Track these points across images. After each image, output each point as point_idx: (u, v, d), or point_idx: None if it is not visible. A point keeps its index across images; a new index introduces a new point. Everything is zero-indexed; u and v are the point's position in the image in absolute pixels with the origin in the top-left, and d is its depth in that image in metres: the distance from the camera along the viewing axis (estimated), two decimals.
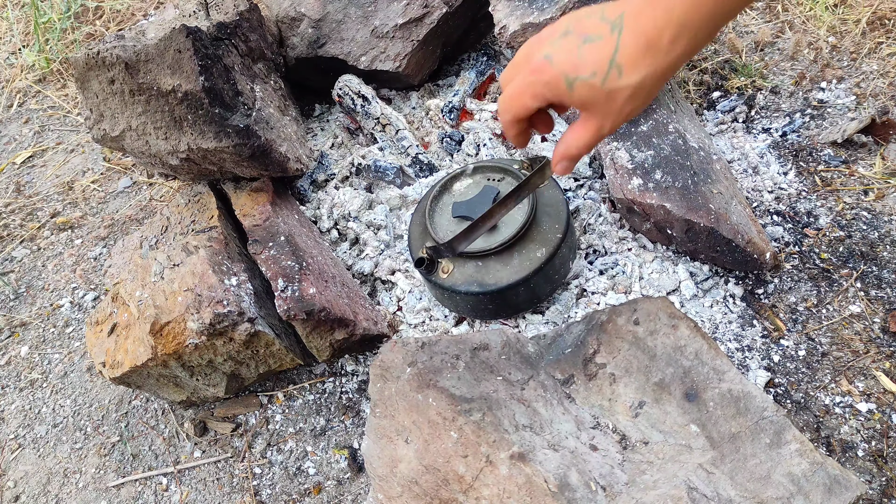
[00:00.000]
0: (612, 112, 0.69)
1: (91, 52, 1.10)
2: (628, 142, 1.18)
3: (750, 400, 0.85)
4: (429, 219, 1.11)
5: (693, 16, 0.62)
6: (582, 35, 0.68)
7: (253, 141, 1.13)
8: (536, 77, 0.70)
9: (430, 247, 1.05)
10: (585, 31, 0.68)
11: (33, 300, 1.44)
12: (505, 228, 1.08)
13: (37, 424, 1.25)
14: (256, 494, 1.09)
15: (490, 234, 1.08)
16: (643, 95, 0.68)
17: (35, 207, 1.61)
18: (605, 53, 0.66)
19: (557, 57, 0.68)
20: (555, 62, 0.68)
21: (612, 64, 0.66)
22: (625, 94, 0.67)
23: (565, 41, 0.69)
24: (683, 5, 0.62)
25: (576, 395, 0.92)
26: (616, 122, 0.71)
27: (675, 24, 0.63)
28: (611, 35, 0.66)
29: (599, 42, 0.66)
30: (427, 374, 0.90)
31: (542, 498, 0.77)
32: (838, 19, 1.52)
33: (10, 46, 2.00)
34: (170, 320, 1.03)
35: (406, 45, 1.39)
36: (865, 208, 1.22)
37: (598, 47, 0.66)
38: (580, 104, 0.70)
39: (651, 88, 0.68)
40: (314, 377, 1.20)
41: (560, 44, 0.69)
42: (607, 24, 0.66)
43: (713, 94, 1.46)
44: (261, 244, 1.13)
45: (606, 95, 0.68)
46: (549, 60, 0.69)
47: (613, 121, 0.70)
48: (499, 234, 1.07)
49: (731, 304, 1.14)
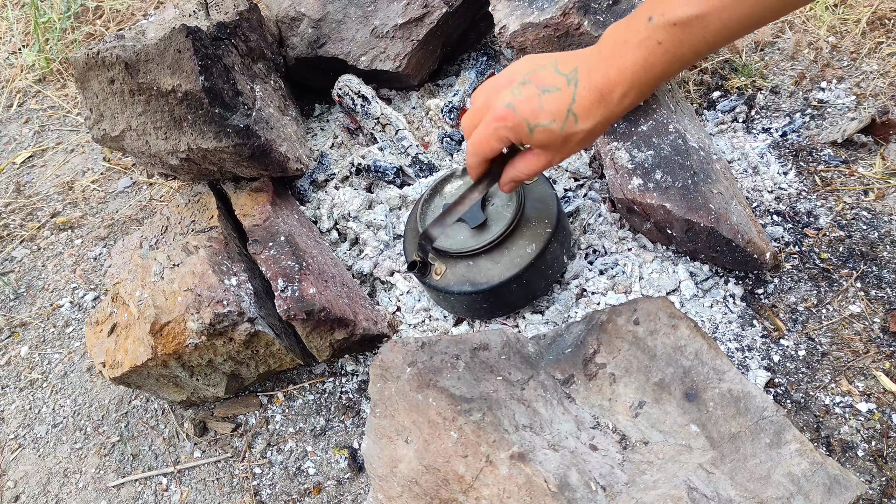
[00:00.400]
0: (565, 150, 0.80)
1: (91, 52, 1.10)
2: (628, 142, 1.18)
3: (750, 400, 0.85)
4: (420, 222, 1.11)
5: (642, 76, 0.72)
6: (540, 86, 0.77)
7: (253, 141, 1.13)
8: (501, 124, 0.79)
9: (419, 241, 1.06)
10: (543, 82, 0.78)
11: (33, 300, 1.44)
12: (494, 226, 1.07)
13: (37, 424, 1.25)
14: (256, 494, 1.09)
15: (479, 232, 1.08)
16: (593, 137, 0.79)
17: (35, 207, 1.61)
18: (563, 103, 0.76)
19: (520, 106, 0.78)
20: (518, 110, 0.78)
21: (569, 112, 0.76)
22: (579, 136, 0.77)
23: (525, 90, 0.78)
24: (635, 66, 0.72)
25: (576, 395, 0.92)
26: (565, 157, 0.82)
27: (626, 83, 0.73)
28: (567, 87, 0.76)
29: (557, 93, 0.76)
30: (427, 374, 0.90)
31: (542, 498, 0.77)
32: (838, 19, 1.52)
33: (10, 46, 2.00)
34: (170, 320, 1.03)
35: (406, 45, 1.39)
36: (865, 208, 1.22)
37: (556, 98, 0.76)
38: (539, 145, 0.80)
39: (600, 131, 0.78)
40: (314, 377, 1.20)
41: (520, 93, 0.78)
42: (563, 78, 0.77)
43: (713, 94, 1.46)
44: (261, 244, 1.14)
45: (563, 138, 0.78)
46: (512, 109, 0.78)
47: (565, 157, 0.82)
48: (488, 233, 1.07)
49: (731, 304, 1.14)
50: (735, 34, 0.69)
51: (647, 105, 1.23)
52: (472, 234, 1.08)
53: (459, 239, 1.09)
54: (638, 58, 0.71)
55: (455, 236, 1.09)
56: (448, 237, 1.09)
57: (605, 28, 1.13)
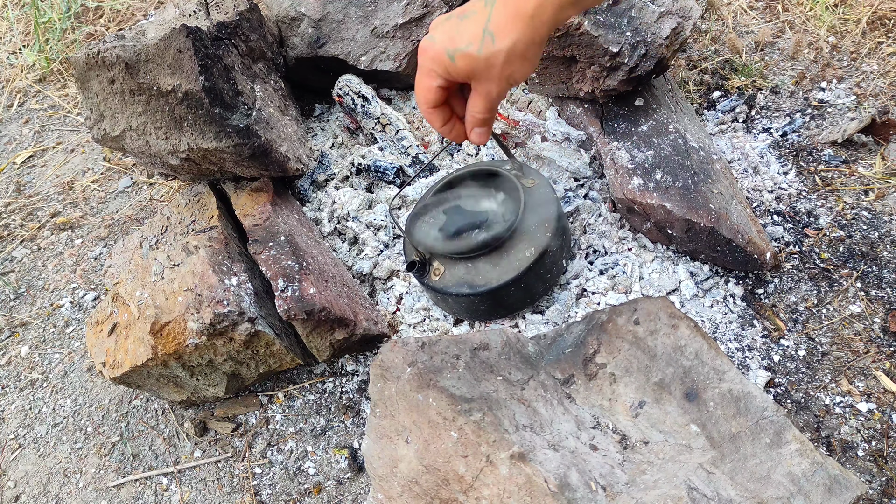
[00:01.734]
0: (493, 76, 0.77)
1: (91, 52, 1.10)
2: (628, 142, 1.18)
3: (750, 400, 0.85)
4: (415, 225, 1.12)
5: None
6: (460, 14, 0.76)
7: (253, 141, 1.13)
8: (424, 57, 0.78)
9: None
10: (463, 10, 0.76)
11: (33, 300, 1.44)
12: (493, 229, 1.07)
13: (37, 424, 1.25)
14: (256, 494, 1.09)
15: (479, 234, 1.07)
16: (518, 59, 0.75)
17: (35, 207, 1.61)
18: (479, 24, 0.74)
19: (439, 36, 0.77)
20: (437, 40, 0.77)
21: (485, 32, 0.73)
22: (500, 57, 0.74)
23: (447, 22, 0.77)
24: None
25: (576, 395, 0.92)
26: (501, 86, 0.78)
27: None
28: (484, 8, 0.74)
29: (474, 16, 0.75)
30: (427, 374, 0.90)
31: (542, 498, 0.77)
32: (838, 19, 1.52)
33: (10, 46, 2.00)
34: (170, 320, 1.03)
35: (406, 45, 1.39)
36: (865, 208, 1.22)
37: (473, 20, 0.75)
38: (465, 74, 0.77)
39: (524, 52, 0.74)
40: (314, 377, 1.20)
41: (443, 25, 0.78)
42: (482, 1, 0.75)
43: (713, 94, 1.46)
44: (261, 244, 1.13)
45: (485, 61, 0.75)
46: (433, 40, 0.77)
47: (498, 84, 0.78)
48: (487, 235, 1.07)
49: (731, 304, 1.14)
50: None
51: (647, 105, 1.23)
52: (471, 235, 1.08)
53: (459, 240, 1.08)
54: None
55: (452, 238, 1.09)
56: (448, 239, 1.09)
57: (605, 28, 1.14)
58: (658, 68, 1.15)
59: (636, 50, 1.13)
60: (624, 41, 1.12)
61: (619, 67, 1.14)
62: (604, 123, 1.23)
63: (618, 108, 1.24)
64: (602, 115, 1.25)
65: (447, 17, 0.79)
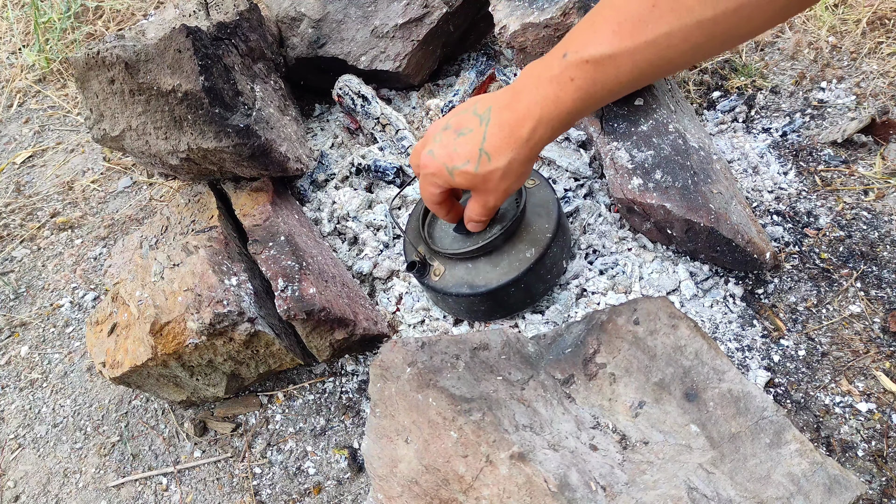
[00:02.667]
0: (490, 189, 0.82)
1: (91, 52, 1.10)
2: (628, 142, 1.18)
3: (750, 400, 0.85)
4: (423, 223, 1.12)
5: (552, 111, 0.72)
6: (457, 130, 0.80)
7: (253, 141, 1.13)
8: (426, 171, 0.83)
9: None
10: (460, 125, 0.80)
11: (33, 300, 1.44)
12: (494, 229, 1.07)
13: (37, 424, 1.25)
14: (256, 494, 1.09)
15: (479, 234, 1.08)
16: (513, 174, 0.79)
17: (35, 207, 1.61)
18: (475, 144, 0.77)
19: (438, 151, 0.81)
20: (436, 156, 0.81)
21: (481, 152, 0.77)
22: (497, 175, 0.78)
23: (444, 135, 0.81)
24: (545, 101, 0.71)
25: (576, 395, 0.92)
26: (498, 196, 0.84)
27: (534, 118, 0.73)
28: (479, 127, 0.77)
29: (470, 134, 0.78)
30: (427, 374, 0.90)
31: (542, 498, 0.77)
32: (838, 19, 1.52)
33: (10, 46, 2.00)
34: (170, 320, 1.03)
35: (406, 45, 1.39)
36: (865, 208, 1.22)
37: (468, 139, 0.78)
38: (465, 185, 0.82)
39: (519, 168, 0.78)
40: (314, 377, 1.20)
41: (440, 139, 0.81)
42: (477, 118, 0.78)
43: (713, 93, 1.46)
44: (261, 244, 1.13)
45: (482, 178, 0.79)
46: (432, 155, 0.81)
47: (495, 196, 0.83)
48: (487, 235, 1.07)
49: (731, 304, 1.14)
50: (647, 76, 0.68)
51: (647, 105, 1.23)
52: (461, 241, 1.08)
53: (459, 239, 1.08)
54: (549, 93, 0.71)
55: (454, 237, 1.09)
56: (447, 237, 1.09)
57: None
58: None
59: None
60: None
61: None
62: (603, 123, 1.23)
63: (618, 108, 1.24)
64: (602, 115, 1.25)
65: (443, 126, 0.82)
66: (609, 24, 0.66)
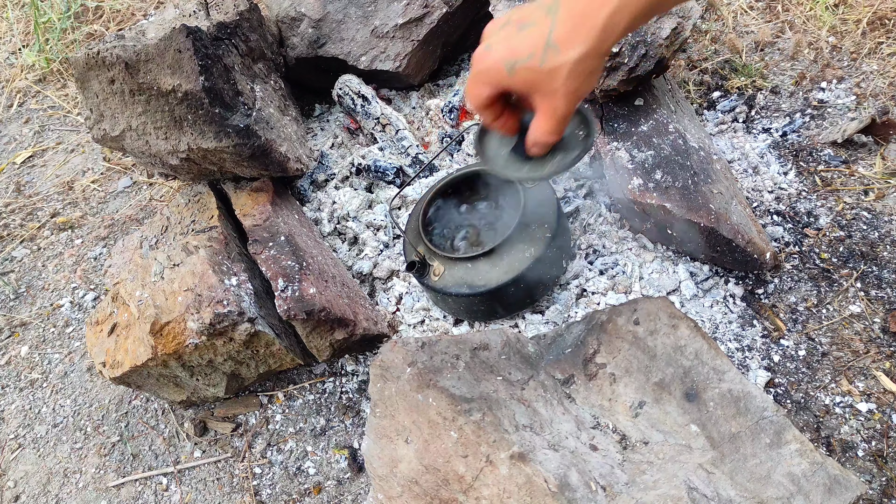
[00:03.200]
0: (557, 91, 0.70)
1: (91, 52, 1.10)
2: (628, 142, 1.18)
3: (750, 400, 0.85)
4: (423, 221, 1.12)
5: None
6: (519, 23, 0.71)
7: (253, 141, 1.13)
8: (479, 66, 0.73)
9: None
10: (522, 19, 0.71)
11: (33, 300, 1.44)
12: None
13: (37, 424, 1.25)
14: (256, 494, 1.09)
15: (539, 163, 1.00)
16: (584, 72, 0.69)
17: (35, 207, 1.61)
18: (541, 35, 0.68)
19: (497, 46, 0.71)
20: (494, 50, 0.71)
21: (548, 44, 0.67)
22: (564, 70, 0.68)
23: (504, 31, 0.72)
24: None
25: (576, 395, 0.92)
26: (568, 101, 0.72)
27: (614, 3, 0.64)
28: (546, 18, 0.68)
29: (534, 27, 0.69)
30: (427, 374, 0.90)
31: (542, 498, 0.77)
32: (838, 19, 1.52)
33: (10, 46, 2.00)
34: (170, 320, 1.03)
35: (406, 45, 1.39)
36: (865, 208, 1.22)
37: (533, 31, 0.69)
38: (524, 87, 0.72)
39: (592, 63, 0.68)
40: (314, 377, 1.20)
41: (500, 34, 0.72)
42: (542, 9, 0.69)
43: (713, 94, 1.46)
44: (261, 244, 1.13)
45: (547, 75, 0.69)
46: (489, 49, 0.72)
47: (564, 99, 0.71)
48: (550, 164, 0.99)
49: (731, 304, 1.14)
50: None
51: (647, 105, 1.23)
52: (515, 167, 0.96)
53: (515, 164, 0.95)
54: None
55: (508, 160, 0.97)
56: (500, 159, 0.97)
57: None
58: (658, 68, 1.15)
59: (636, 50, 1.13)
60: (623, 41, 1.12)
61: (619, 67, 1.14)
62: (604, 123, 1.23)
63: (618, 108, 1.24)
64: (602, 115, 1.25)
65: (503, 23, 0.73)
66: None
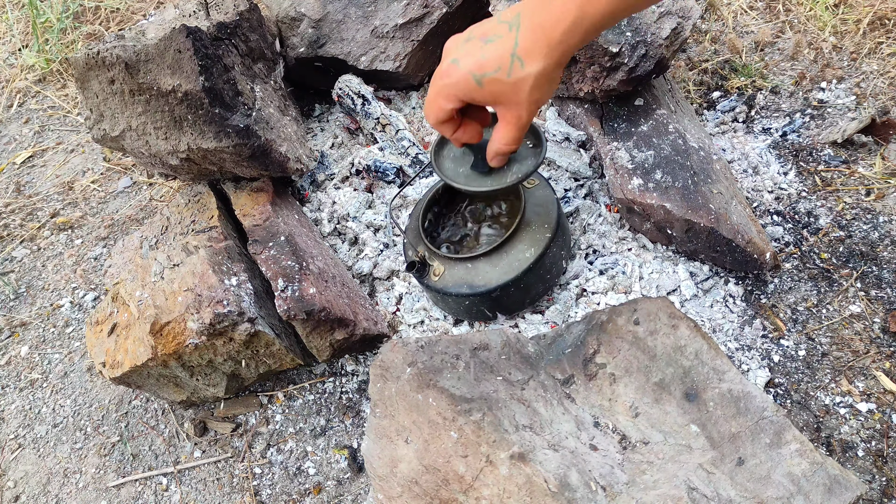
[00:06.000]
0: (522, 101, 0.75)
1: (91, 52, 1.10)
2: (628, 142, 1.18)
3: (750, 400, 0.85)
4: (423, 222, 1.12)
5: (587, 13, 0.68)
6: (483, 37, 0.75)
7: (253, 141, 1.13)
8: (446, 80, 0.76)
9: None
10: (485, 33, 0.75)
11: (33, 300, 1.44)
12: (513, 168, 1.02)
13: (37, 424, 1.25)
14: (256, 494, 1.09)
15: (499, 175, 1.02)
16: (546, 82, 0.74)
17: (35, 207, 1.61)
18: (506, 49, 0.72)
19: (463, 60, 0.75)
20: (461, 64, 0.75)
21: (513, 57, 0.72)
22: (529, 82, 0.73)
23: (469, 45, 0.75)
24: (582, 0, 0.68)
25: (576, 395, 0.92)
26: (530, 110, 0.77)
27: (569, 18, 0.69)
28: (509, 32, 0.72)
29: (499, 40, 0.73)
30: (427, 374, 0.90)
31: (542, 498, 0.77)
32: (839, 19, 1.52)
33: (10, 46, 2.00)
34: (170, 320, 1.03)
35: (406, 45, 1.39)
36: (865, 208, 1.22)
37: (498, 45, 0.73)
38: (491, 99, 0.76)
39: (551, 75, 0.73)
40: (314, 377, 1.20)
41: (465, 48, 0.76)
42: (505, 25, 0.73)
43: (713, 94, 1.46)
44: (261, 244, 1.13)
45: (513, 86, 0.73)
46: (457, 64, 0.75)
47: (527, 109, 0.76)
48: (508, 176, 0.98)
49: (731, 304, 1.14)
50: None
51: (647, 105, 1.23)
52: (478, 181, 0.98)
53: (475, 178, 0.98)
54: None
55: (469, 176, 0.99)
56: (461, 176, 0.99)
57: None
58: (658, 68, 1.15)
59: (636, 50, 1.13)
60: (624, 41, 1.12)
61: (619, 67, 1.14)
62: (604, 123, 1.23)
63: (618, 108, 1.24)
64: (602, 115, 1.25)
65: (466, 38, 0.77)
66: None
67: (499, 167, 0.94)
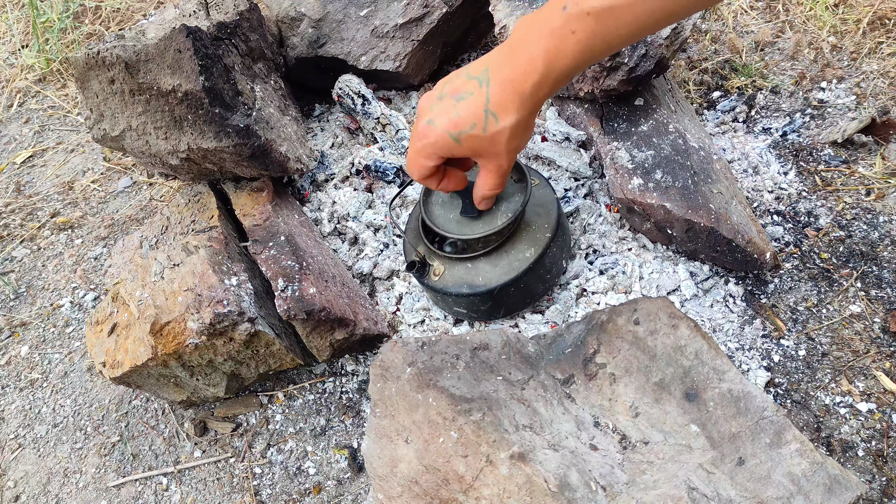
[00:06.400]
0: (501, 151, 0.79)
1: (91, 52, 1.10)
2: (628, 142, 1.18)
3: (750, 400, 0.85)
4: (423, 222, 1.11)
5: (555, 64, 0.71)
6: (454, 95, 0.77)
7: (253, 141, 1.13)
8: (424, 141, 0.79)
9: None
10: (456, 90, 0.77)
11: (33, 300, 1.44)
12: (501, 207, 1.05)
13: (37, 424, 1.25)
14: (256, 494, 1.09)
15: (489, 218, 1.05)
16: (522, 131, 0.77)
17: (35, 207, 1.61)
18: (479, 105, 0.75)
19: (438, 119, 0.78)
20: (437, 124, 0.77)
21: (487, 113, 0.75)
22: (505, 134, 0.76)
23: (442, 104, 0.78)
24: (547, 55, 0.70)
25: (576, 395, 0.92)
26: (510, 157, 0.81)
27: (538, 72, 0.71)
28: (480, 89, 0.75)
29: (471, 97, 0.76)
30: (427, 374, 0.90)
31: (542, 498, 0.77)
32: (839, 19, 1.52)
33: (10, 46, 2.00)
34: (170, 320, 1.03)
35: (406, 45, 1.39)
36: (866, 208, 1.22)
37: (471, 102, 0.76)
38: (471, 153, 0.79)
39: (525, 124, 0.77)
40: (314, 377, 1.20)
41: (438, 107, 0.78)
42: (475, 81, 0.76)
43: (713, 93, 1.46)
44: (261, 244, 1.13)
45: (490, 140, 0.76)
46: (432, 124, 0.78)
47: (507, 157, 0.80)
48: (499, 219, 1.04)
49: (731, 304, 1.14)
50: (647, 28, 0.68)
51: (647, 105, 1.23)
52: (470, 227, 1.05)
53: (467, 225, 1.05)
54: (550, 46, 0.70)
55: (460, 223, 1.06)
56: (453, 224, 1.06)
57: None
58: (658, 68, 1.15)
59: (636, 50, 1.13)
60: None
61: (619, 67, 1.14)
62: (604, 123, 1.23)
63: (618, 108, 1.24)
64: (602, 115, 1.25)
65: (438, 96, 0.79)
66: None
67: (487, 209, 1.00)
